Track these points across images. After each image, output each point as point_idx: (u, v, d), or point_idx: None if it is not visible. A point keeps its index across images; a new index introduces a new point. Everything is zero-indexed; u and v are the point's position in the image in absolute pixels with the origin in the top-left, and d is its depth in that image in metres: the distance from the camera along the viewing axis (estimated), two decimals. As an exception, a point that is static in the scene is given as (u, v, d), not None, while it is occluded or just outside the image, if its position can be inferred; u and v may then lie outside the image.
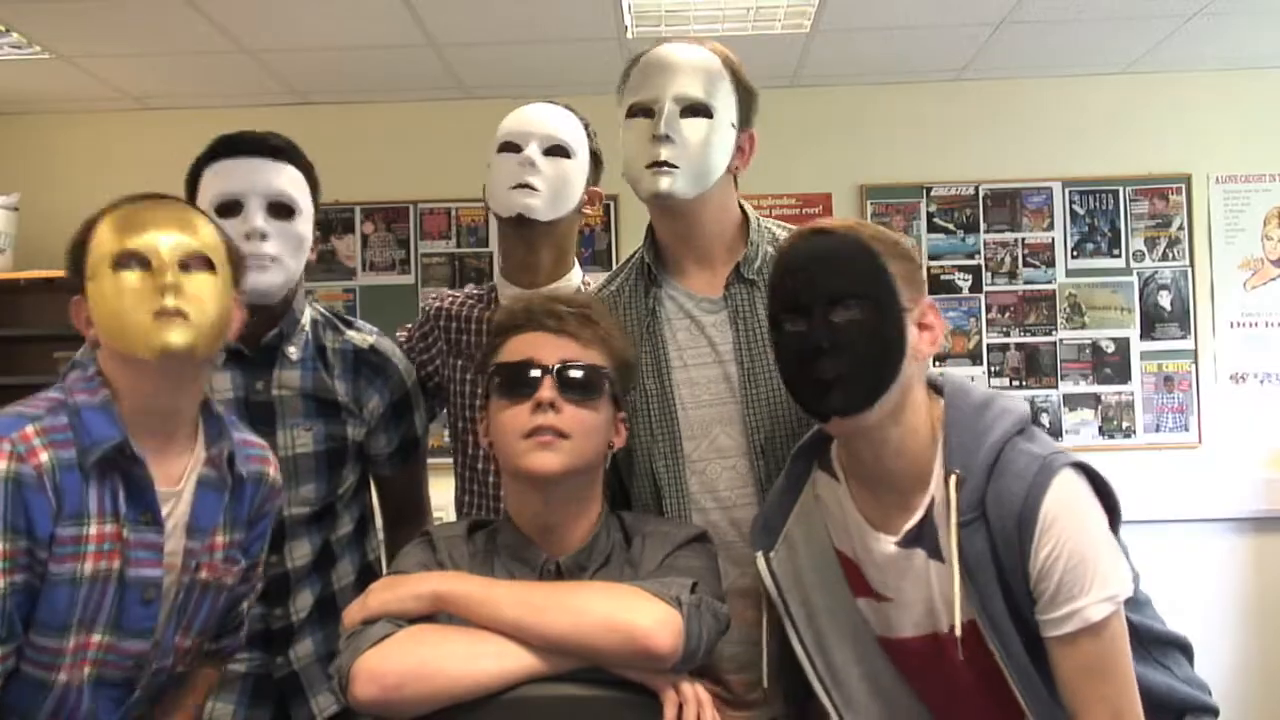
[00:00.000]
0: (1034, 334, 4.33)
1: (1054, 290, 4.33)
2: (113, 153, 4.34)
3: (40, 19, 3.43)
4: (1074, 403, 4.31)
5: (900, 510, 1.46)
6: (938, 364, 4.06)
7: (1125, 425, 4.29)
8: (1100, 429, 4.30)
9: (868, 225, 1.48)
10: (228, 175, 1.75)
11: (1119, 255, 4.32)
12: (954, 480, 1.39)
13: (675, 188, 1.64)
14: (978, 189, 4.35)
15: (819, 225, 1.48)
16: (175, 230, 1.43)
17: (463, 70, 4.04)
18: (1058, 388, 4.31)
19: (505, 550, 1.51)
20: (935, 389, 1.50)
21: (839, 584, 1.54)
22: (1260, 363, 4.28)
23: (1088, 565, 1.34)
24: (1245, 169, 4.30)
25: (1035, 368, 4.32)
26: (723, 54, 1.73)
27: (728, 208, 1.76)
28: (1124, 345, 4.30)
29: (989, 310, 4.33)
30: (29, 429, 1.36)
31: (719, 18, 3.60)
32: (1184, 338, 4.29)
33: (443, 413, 2.16)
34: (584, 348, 1.50)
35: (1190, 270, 4.30)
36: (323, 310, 1.95)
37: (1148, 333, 4.30)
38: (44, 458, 1.35)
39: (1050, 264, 4.33)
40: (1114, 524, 1.42)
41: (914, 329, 1.43)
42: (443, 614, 1.40)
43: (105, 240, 1.42)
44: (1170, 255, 4.31)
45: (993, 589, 1.38)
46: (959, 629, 1.38)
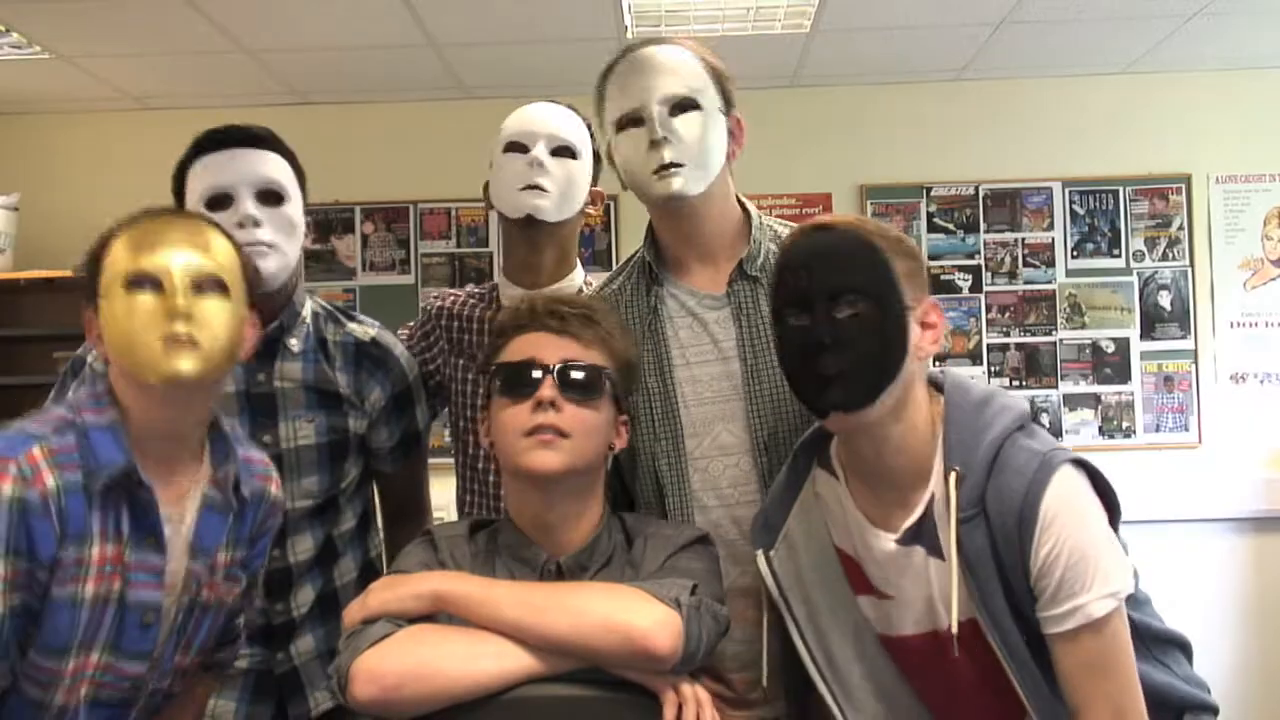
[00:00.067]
0: (1034, 334, 4.33)
1: (1054, 290, 4.33)
2: (113, 153, 4.34)
3: (40, 19, 3.43)
4: (1074, 403, 4.31)
5: (900, 507, 1.46)
6: (938, 364, 4.06)
7: (1125, 425, 4.29)
8: (1100, 429, 4.30)
9: (871, 222, 1.48)
10: (214, 169, 1.76)
11: (1119, 255, 4.32)
12: (953, 477, 1.39)
13: (686, 187, 1.65)
14: (978, 189, 4.35)
15: (822, 221, 1.48)
16: (189, 249, 1.42)
17: (463, 70, 4.04)
18: (1058, 388, 4.31)
19: (506, 550, 1.51)
20: (935, 386, 1.50)
21: (839, 582, 1.54)
22: (1260, 363, 4.28)
23: (1089, 561, 1.35)
24: (1245, 169, 4.30)
25: (1035, 368, 4.32)
26: (689, 45, 1.73)
27: (730, 202, 1.77)
28: (1124, 345, 4.30)
29: (989, 310, 4.33)
30: (35, 451, 1.34)
31: (719, 18, 3.60)
32: (1184, 338, 4.29)
33: (444, 412, 2.16)
34: (585, 348, 1.50)
35: (1190, 270, 4.30)
36: (323, 304, 1.96)
37: (1148, 333, 4.30)
38: (50, 482, 1.33)
39: (1050, 264, 4.33)
40: (1114, 521, 1.42)
41: (916, 327, 1.43)
42: (443, 614, 1.40)
43: (119, 258, 1.40)
44: (1170, 255, 4.31)
45: (993, 586, 1.38)
46: (955, 626, 1.39)
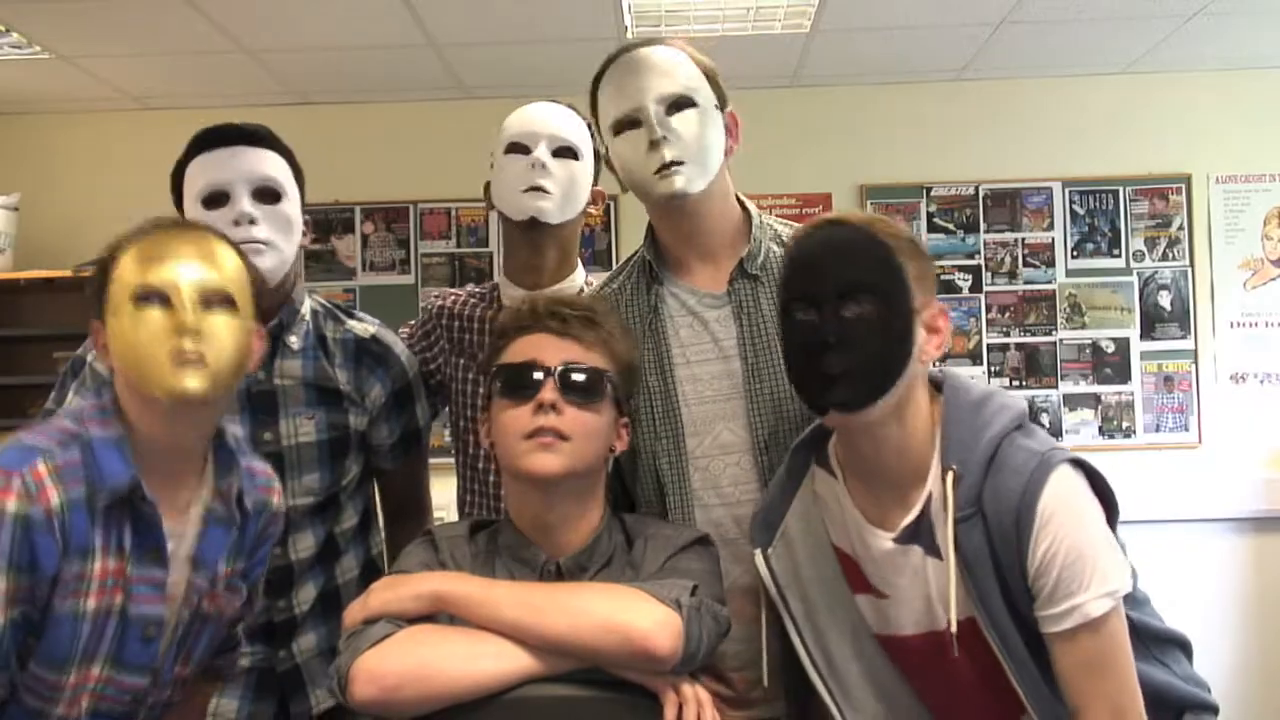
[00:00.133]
0: (1034, 334, 4.33)
1: (1054, 290, 4.33)
2: (113, 153, 4.34)
3: (40, 19, 3.43)
4: (1074, 403, 4.31)
5: (897, 506, 1.46)
6: (938, 363, 4.05)
7: (1125, 425, 4.29)
8: (1100, 429, 4.30)
9: (883, 220, 1.47)
10: (211, 167, 1.76)
11: (1119, 255, 4.32)
12: (950, 476, 1.39)
13: (688, 185, 1.65)
14: (978, 189, 4.35)
15: (836, 216, 1.48)
16: (197, 263, 1.41)
17: (463, 70, 4.04)
18: (1058, 388, 4.31)
19: (506, 551, 1.51)
20: (935, 385, 1.50)
21: (837, 580, 1.54)
22: (1260, 363, 4.28)
23: (1086, 561, 1.34)
24: (1245, 169, 4.30)
25: (1035, 368, 4.32)
26: (677, 44, 1.73)
27: (730, 199, 1.77)
28: (1124, 345, 4.30)
29: (989, 310, 4.33)
30: (40, 465, 1.34)
31: (719, 18, 3.60)
32: (1184, 338, 4.29)
33: (444, 411, 2.16)
34: (587, 350, 1.50)
35: (1190, 270, 4.30)
36: (322, 302, 1.96)
37: (1148, 333, 4.30)
38: (54, 499, 1.33)
39: (1050, 264, 4.33)
40: (1112, 521, 1.42)
41: (922, 330, 1.43)
42: (443, 614, 1.40)
43: (127, 272, 1.40)
44: (1170, 255, 4.31)
45: (990, 585, 1.38)
46: (954, 625, 1.39)
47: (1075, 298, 4.32)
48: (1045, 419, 4.27)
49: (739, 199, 1.79)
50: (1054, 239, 4.33)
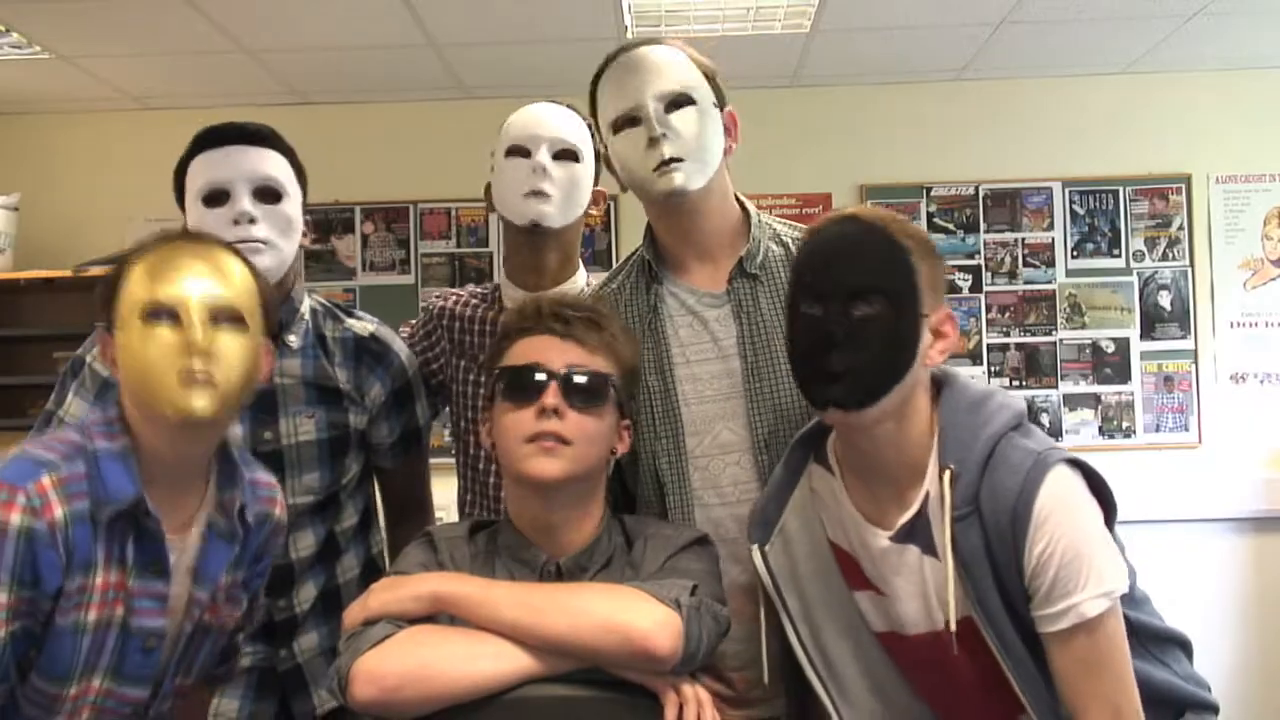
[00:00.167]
0: (1034, 334, 4.32)
1: (1054, 290, 4.32)
2: (113, 153, 4.34)
3: (40, 19, 3.43)
4: (1074, 403, 4.31)
5: (895, 505, 1.46)
6: (938, 364, 4.05)
7: (1125, 425, 4.29)
8: (1100, 429, 4.30)
9: (900, 220, 1.47)
10: (213, 165, 1.76)
11: (1119, 255, 4.32)
12: (948, 475, 1.39)
13: (687, 182, 1.65)
14: (978, 189, 4.35)
15: (853, 212, 1.47)
16: (208, 279, 1.40)
17: (463, 70, 4.04)
18: (1058, 388, 4.30)
19: (506, 551, 1.51)
20: (935, 384, 1.50)
21: (834, 577, 1.54)
22: (1260, 363, 4.28)
23: (1083, 561, 1.34)
24: (1245, 169, 4.29)
25: (1035, 368, 4.31)
26: (676, 44, 1.74)
27: (729, 198, 1.77)
28: (1124, 345, 4.30)
29: (989, 310, 4.33)
30: (45, 480, 1.33)
31: (719, 18, 3.60)
32: (1184, 338, 4.29)
33: (444, 411, 2.16)
34: (590, 354, 1.50)
35: (1190, 270, 4.30)
36: (322, 301, 1.96)
37: (1148, 333, 4.30)
38: (58, 514, 1.32)
39: (1050, 264, 4.33)
40: (1110, 520, 1.42)
41: (929, 335, 1.43)
42: (443, 615, 1.40)
43: (137, 287, 1.39)
44: (1170, 255, 4.31)
45: (988, 584, 1.38)
46: (954, 624, 1.39)
47: (1075, 298, 4.32)
48: (1045, 419, 4.27)
49: (738, 198, 1.79)
50: (1054, 239, 4.33)
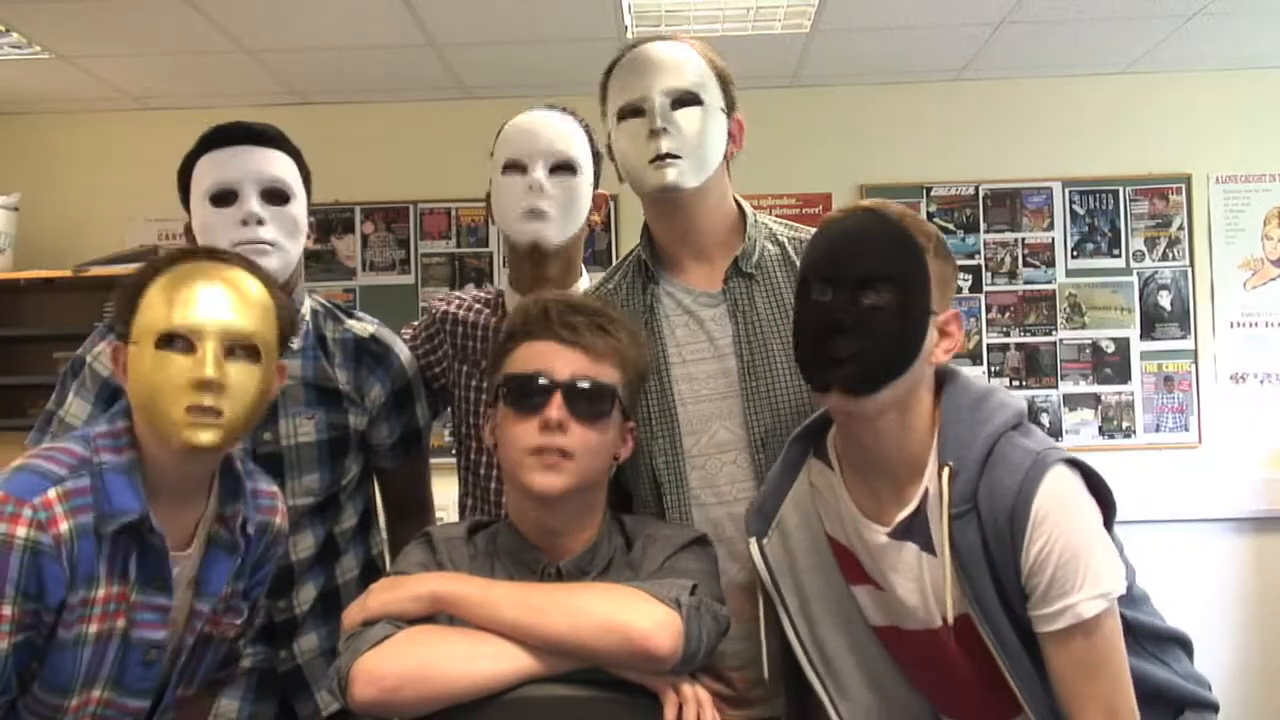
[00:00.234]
0: (1034, 334, 4.33)
1: (1054, 290, 4.32)
2: (113, 153, 4.34)
3: (40, 19, 3.43)
4: (1074, 403, 4.31)
5: (894, 501, 1.46)
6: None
7: (1125, 425, 4.29)
8: (1100, 429, 4.30)
9: (917, 217, 1.47)
10: (220, 166, 1.76)
11: (1119, 255, 4.32)
12: (946, 472, 1.39)
13: (681, 179, 1.65)
14: (978, 189, 4.35)
15: (873, 204, 1.48)
16: (225, 307, 1.39)
17: (463, 70, 4.04)
18: (1058, 388, 4.30)
19: (506, 553, 1.50)
20: (939, 381, 1.50)
21: (832, 572, 1.54)
22: (1260, 363, 4.28)
23: (1080, 561, 1.34)
24: (1245, 169, 4.29)
25: (1035, 368, 4.32)
26: (697, 44, 1.74)
27: (725, 200, 1.77)
28: (1124, 345, 4.30)
29: (989, 310, 4.33)
30: (51, 494, 1.33)
31: (719, 18, 3.60)
32: (1184, 338, 4.29)
33: (445, 411, 2.15)
34: (596, 361, 1.47)
35: (1190, 270, 4.30)
36: (322, 301, 1.96)
37: (1148, 333, 4.30)
38: (64, 528, 1.32)
39: (1050, 264, 4.33)
40: (1109, 521, 1.42)
41: (935, 332, 1.43)
42: (443, 615, 1.40)
43: (154, 308, 1.38)
44: (1170, 255, 4.31)
45: (985, 582, 1.38)
46: (950, 617, 1.39)
47: (1075, 298, 4.32)
48: (1045, 419, 4.27)
49: (735, 199, 1.79)
50: (1054, 239, 4.33)
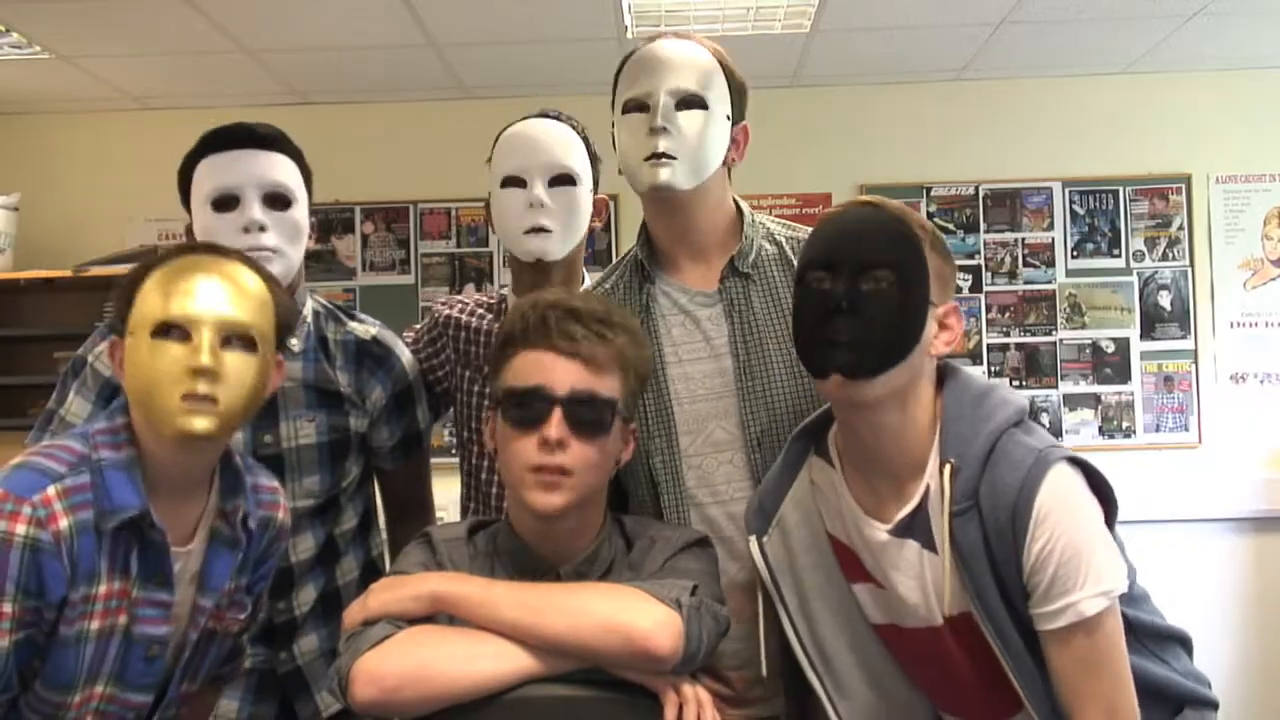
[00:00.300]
0: (1034, 334, 4.33)
1: (1054, 290, 4.32)
2: (113, 153, 4.34)
3: (40, 19, 3.43)
4: (1074, 403, 4.31)
5: (895, 499, 1.46)
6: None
7: (1125, 425, 4.29)
8: (1100, 429, 4.30)
9: (917, 215, 1.48)
10: (222, 169, 1.75)
11: (1119, 255, 4.32)
12: (948, 469, 1.39)
13: (674, 179, 1.65)
14: (978, 189, 4.35)
15: (873, 199, 1.49)
16: (222, 298, 1.39)
17: (463, 70, 4.04)
18: (1058, 388, 4.31)
19: (506, 556, 1.50)
20: (940, 378, 1.50)
21: (832, 569, 1.54)
22: (1260, 363, 4.28)
23: (1082, 559, 1.34)
24: (1245, 169, 4.30)
25: (1035, 368, 4.32)
26: (714, 49, 1.74)
27: (723, 201, 1.77)
28: (1124, 345, 4.30)
29: (989, 310, 4.33)
30: (51, 491, 1.33)
31: (719, 18, 3.60)
32: (1184, 338, 4.29)
33: (446, 413, 2.15)
34: (597, 373, 1.45)
35: (1190, 270, 4.30)
36: (323, 303, 1.95)
37: (1148, 333, 4.30)
38: (64, 525, 1.32)
39: (1050, 264, 4.33)
40: (1110, 519, 1.42)
41: (934, 323, 1.43)
42: (443, 615, 1.40)
43: (151, 299, 1.38)
44: (1170, 255, 4.31)
45: (986, 580, 1.38)
46: (948, 608, 1.39)
47: (1075, 298, 4.32)
48: (1045, 419, 4.27)
49: (734, 200, 1.79)
50: (1054, 239, 4.33)
